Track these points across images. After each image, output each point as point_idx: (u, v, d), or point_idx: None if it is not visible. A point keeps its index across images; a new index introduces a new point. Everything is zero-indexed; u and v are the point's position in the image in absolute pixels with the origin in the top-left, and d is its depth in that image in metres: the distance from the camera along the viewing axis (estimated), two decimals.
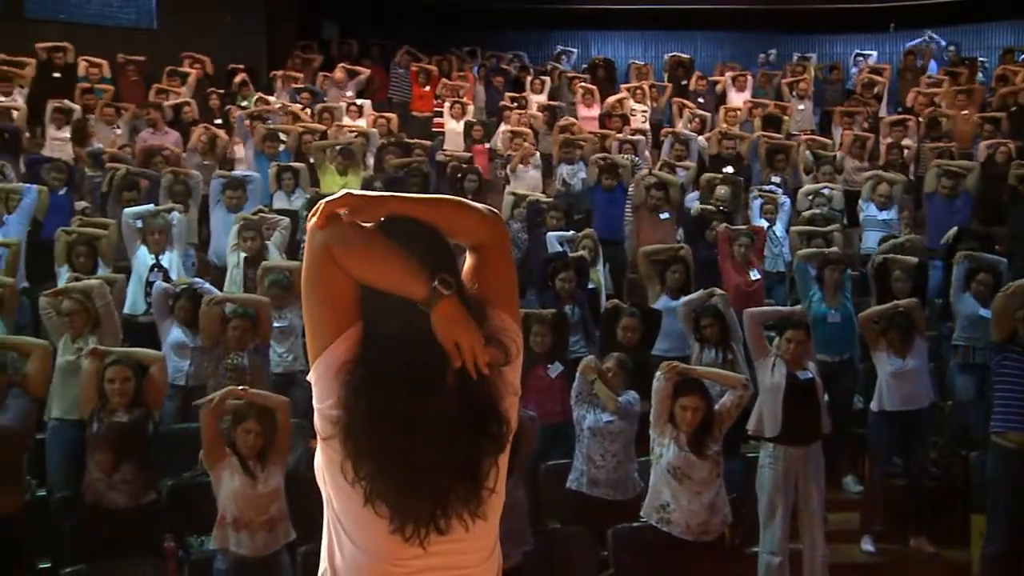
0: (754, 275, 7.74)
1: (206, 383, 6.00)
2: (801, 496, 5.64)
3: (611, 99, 12.56)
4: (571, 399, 5.68)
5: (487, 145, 11.41)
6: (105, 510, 4.97)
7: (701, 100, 12.91)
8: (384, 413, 1.61)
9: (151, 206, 7.74)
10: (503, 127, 11.79)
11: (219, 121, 11.25)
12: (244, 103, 11.92)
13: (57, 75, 11.89)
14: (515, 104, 12.45)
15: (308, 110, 11.76)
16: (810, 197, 9.32)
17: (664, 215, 8.87)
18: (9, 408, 4.82)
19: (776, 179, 9.99)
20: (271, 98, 12.21)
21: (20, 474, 5.01)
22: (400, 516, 1.64)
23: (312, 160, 9.79)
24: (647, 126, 12.12)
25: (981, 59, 15.12)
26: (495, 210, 1.81)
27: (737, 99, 13.04)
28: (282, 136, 10.16)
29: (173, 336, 6.36)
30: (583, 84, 13.15)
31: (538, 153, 10.56)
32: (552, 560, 5.09)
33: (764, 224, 8.62)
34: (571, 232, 8.20)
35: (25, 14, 13.30)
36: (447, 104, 12.33)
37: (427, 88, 13.23)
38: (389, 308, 1.65)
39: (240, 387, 4.98)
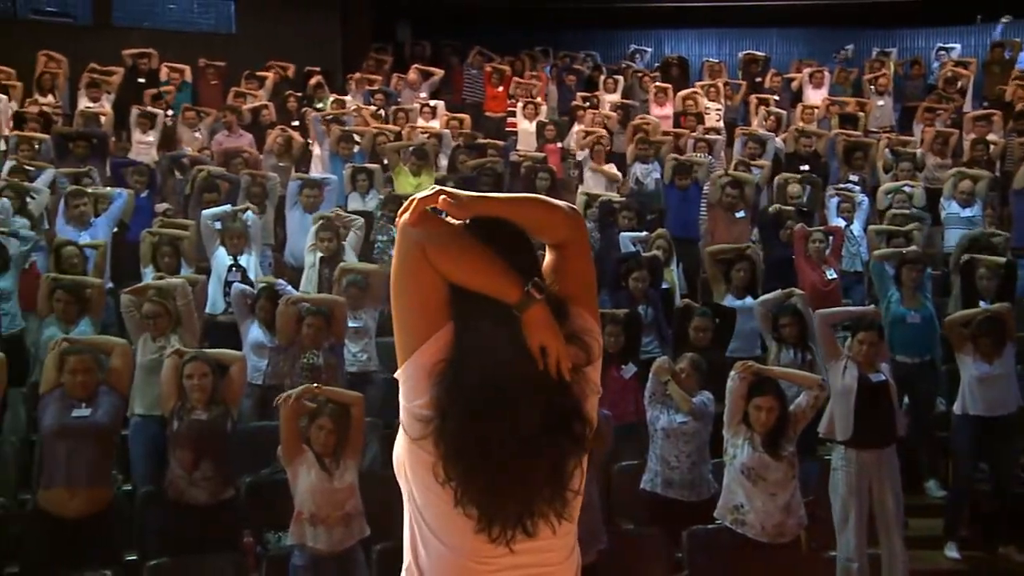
0: (830, 274, 7.61)
1: (283, 382, 6.10)
2: (876, 500, 5.53)
3: (682, 93, 12.46)
4: (644, 400, 5.65)
5: (559, 144, 11.40)
6: (186, 506, 5.07)
7: (776, 98, 12.73)
8: (476, 415, 1.61)
9: (227, 207, 7.90)
10: (576, 127, 11.78)
11: (295, 123, 11.42)
12: (320, 105, 12.09)
13: (141, 80, 12.20)
14: (587, 104, 12.42)
15: (382, 111, 11.88)
16: (890, 195, 9.13)
17: (739, 214, 8.78)
18: (100, 405, 4.96)
19: (854, 177, 9.80)
20: (346, 99, 12.37)
21: (109, 471, 5.15)
22: (488, 517, 1.64)
23: (386, 161, 9.88)
24: (721, 124, 12.00)
25: None
26: (575, 207, 1.80)
27: (814, 96, 12.82)
28: (356, 138, 10.28)
29: (253, 336, 6.47)
30: (656, 83, 13.06)
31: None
32: (626, 561, 5.07)
33: (842, 223, 8.48)
34: (644, 232, 8.16)
35: (112, 22, 13.72)
36: (520, 104, 12.35)
37: (500, 88, 13.27)
38: (479, 309, 1.65)
39: (314, 384, 5.06)
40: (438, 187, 1.69)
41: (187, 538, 5.03)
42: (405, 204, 1.68)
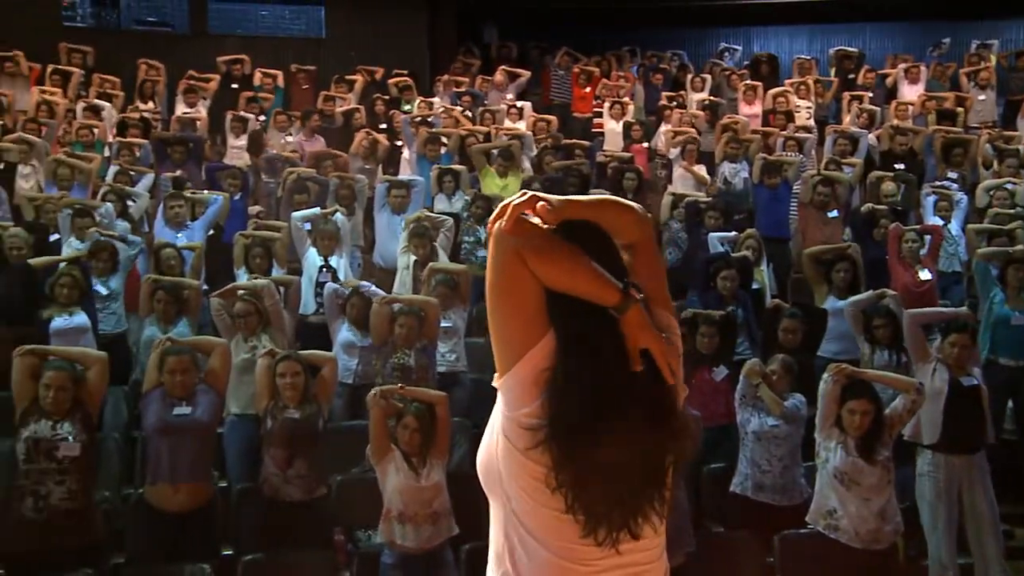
0: (924, 275, 7.41)
1: (374, 381, 6.18)
2: (967, 507, 5.38)
3: (772, 91, 12.26)
4: (735, 402, 5.58)
5: (646, 144, 11.33)
6: (280, 503, 5.15)
7: (870, 95, 12.44)
8: (586, 421, 1.61)
9: (317, 210, 8.03)
10: (663, 126, 11.69)
11: (383, 126, 11.56)
12: (407, 108, 12.21)
13: (235, 86, 12.50)
14: (674, 103, 12.32)
15: (469, 113, 11.95)
16: (991, 193, 8.84)
17: (832, 213, 8.61)
18: (199, 404, 5.09)
19: (952, 175, 9.53)
20: (434, 101, 12.48)
21: (210, 467, 5.29)
22: (596, 520, 1.64)
23: (473, 162, 9.94)
24: (812, 123, 11.78)
25: None
26: (643, 208, 1.81)
27: (910, 92, 12.50)
28: (443, 139, 10.36)
29: (343, 335, 6.56)
30: (745, 81, 12.89)
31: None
32: (715, 564, 5.01)
33: (939, 222, 8.25)
34: (733, 232, 8.06)
35: (208, 30, 14.11)
36: (607, 104, 12.30)
37: (588, 89, 13.24)
38: (577, 314, 1.64)
39: (399, 385, 5.11)
40: (531, 192, 1.67)
41: (281, 534, 5.11)
42: (497, 211, 1.67)
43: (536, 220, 1.65)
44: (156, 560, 4.92)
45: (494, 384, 1.70)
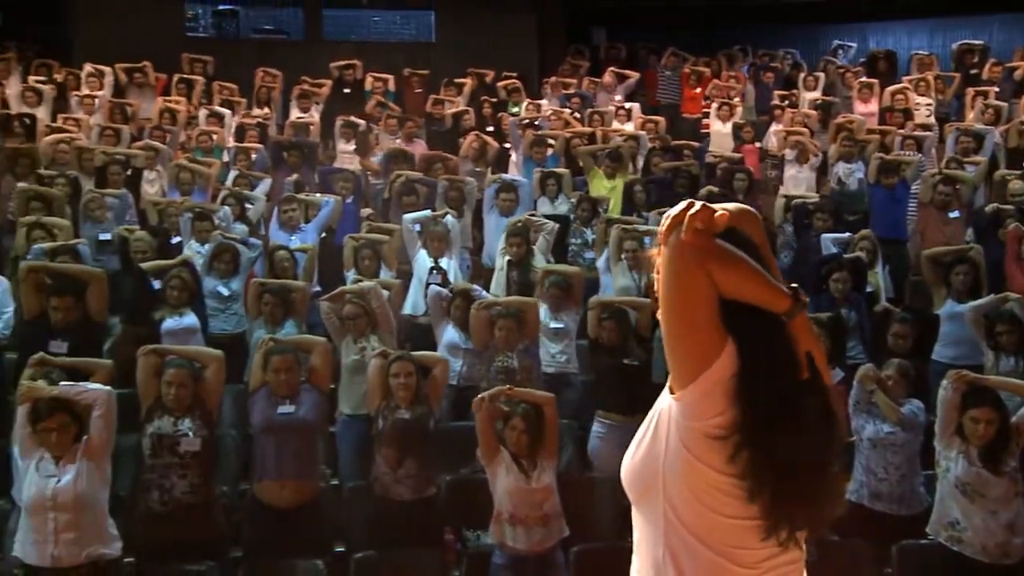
0: None
1: (479, 384, 6.22)
2: None
3: (890, 88, 11.91)
4: (849, 407, 5.43)
5: (758, 145, 11.13)
6: (391, 502, 5.23)
7: (996, 90, 11.96)
8: (777, 426, 1.62)
9: (428, 212, 8.13)
10: (775, 126, 11.47)
11: (491, 128, 11.63)
12: (515, 110, 12.27)
13: (347, 91, 12.75)
14: (786, 103, 12.08)
15: (577, 115, 11.94)
16: None
17: (953, 213, 8.31)
18: (303, 403, 5.20)
19: None
20: (542, 103, 12.50)
21: (316, 464, 5.40)
22: (778, 523, 1.65)
23: (581, 164, 9.92)
24: (932, 120, 11.39)
25: None
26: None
27: None
28: (549, 141, 10.37)
29: (448, 337, 6.60)
30: (860, 79, 12.54)
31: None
32: (832, 573, 4.88)
33: None
34: (847, 233, 7.87)
35: (323, 37, 14.45)
36: (714, 105, 12.15)
37: (698, 90, 13.09)
38: (751, 321, 1.64)
39: (506, 387, 5.13)
40: (702, 203, 1.66)
41: (391, 533, 5.19)
42: (666, 223, 1.66)
43: (707, 229, 1.65)
44: (269, 554, 5.05)
45: (672, 397, 1.69)
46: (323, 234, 8.36)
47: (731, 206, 1.72)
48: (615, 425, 5.79)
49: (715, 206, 1.67)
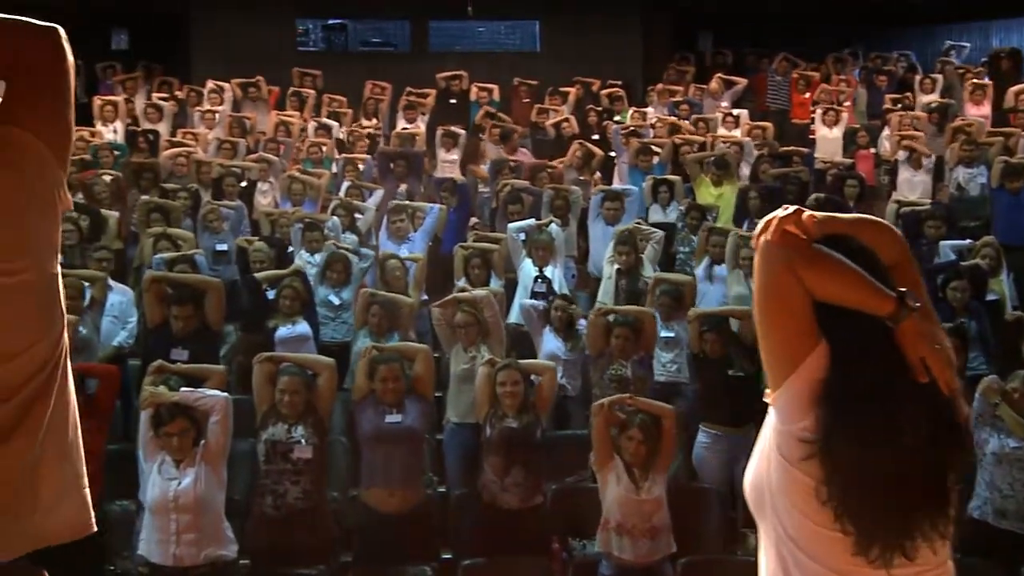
0: None
1: (580, 392, 6.21)
2: None
3: (1014, 88, 11.45)
4: (971, 421, 5.23)
5: (872, 150, 10.85)
6: (498, 510, 5.25)
7: None
8: (863, 432, 1.59)
9: (533, 221, 8.15)
10: (887, 131, 11.17)
11: (596, 137, 11.61)
12: (619, 118, 12.22)
13: (452, 101, 12.90)
14: (898, 106, 11.74)
15: (684, 122, 11.82)
16: None
17: None
18: (409, 411, 5.26)
19: None
20: (647, 111, 12.43)
21: (422, 472, 5.45)
22: (868, 537, 1.60)
23: (687, 172, 9.83)
24: None
25: None
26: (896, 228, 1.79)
27: None
28: (655, 149, 10.30)
29: (548, 346, 6.59)
30: (973, 80, 12.10)
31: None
32: None
33: None
34: (968, 240, 7.60)
35: (429, 48, 14.66)
36: (819, 111, 11.89)
37: (807, 95, 12.82)
38: (849, 324, 1.62)
39: (628, 396, 5.10)
40: (796, 206, 1.68)
41: (498, 540, 5.21)
42: (760, 225, 1.68)
43: (800, 233, 1.65)
44: (377, 560, 5.12)
45: (766, 400, 1.69)
46: (430, 243, 8.46)
47: (848, 216, 1.73)
48: (720, 436, 5.74)
49: (825, 215, 1.68)
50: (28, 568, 1.77)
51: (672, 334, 6.58)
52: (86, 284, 6.46)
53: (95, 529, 1.80)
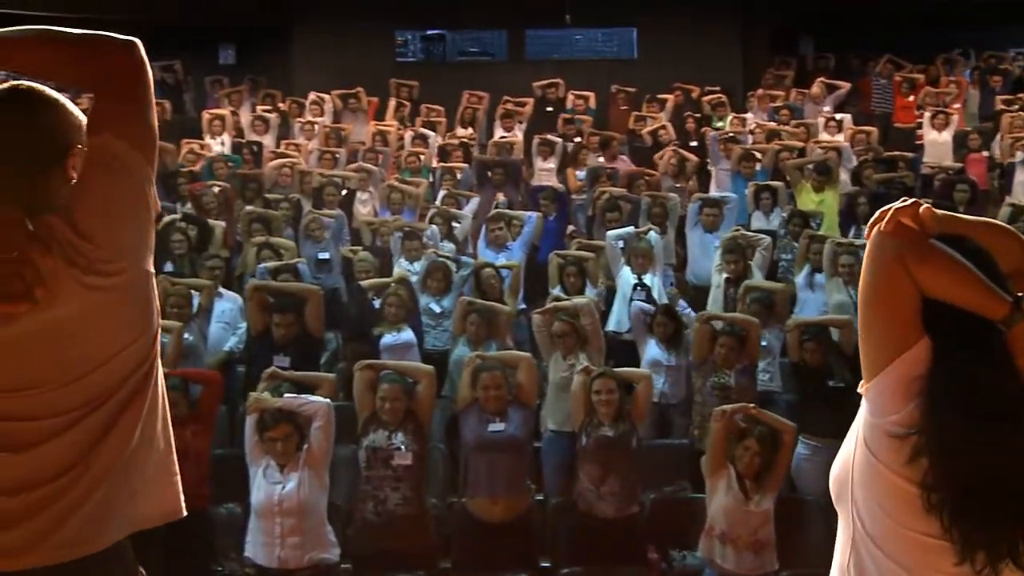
0: None
1: (683, 400, 6.14)
2: None
3: None
4: None
5: (985, 153, 10.49)
6: (594, 518, 5.23)
7: None
8: (963, 435, 1.54)
9: (631, 228, 8.12)
10: (1000, 133, 10.80)
11: (694, 143, 11.50)
12: (719, 124, 12.08)
13: (549, 109, 12.92)
14: (1015, 107, 11.33)
15: (786, 128, 11.63)
16: None
17: None
18: (513, 420, 5.28)
19: None
20: (747, 117, 12.26)
21: (525, 479, 5.46)
22: (972, 546, 1.55)
23: (788, 178, 9.67)
24: None
25: None
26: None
27: None
28: (757, 155, 10.16)
29: (651, 353, 6.57)
30: None
31: None
32: None
33: None
34: None
35: (526, 57, 14.73)
36: (927, 114, 11.55)
37: (911, 98, 12.47)
38: (957, 323, 1.58)
39: (751, 405, 5.05)
40: (914, 199, 1.65)
41: (594, 549, 5.19)
42: (876, 215, 1.65)
43: (916, 226, 1.62)
44: (477, 568, 5.15)
45: (859, 391, 1.66)
46: (527, 251, 8.49)
47: (970, 217, 1.69)
48: (820, 447, 5.62)
49: (945, 212, 1.64)
50: (129, 569, 1.86)
51: (764, 343, 6.48)
52: (194, 292, 6.66)
53: (184, 514, 1.90)
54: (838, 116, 11.82)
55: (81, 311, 1.71)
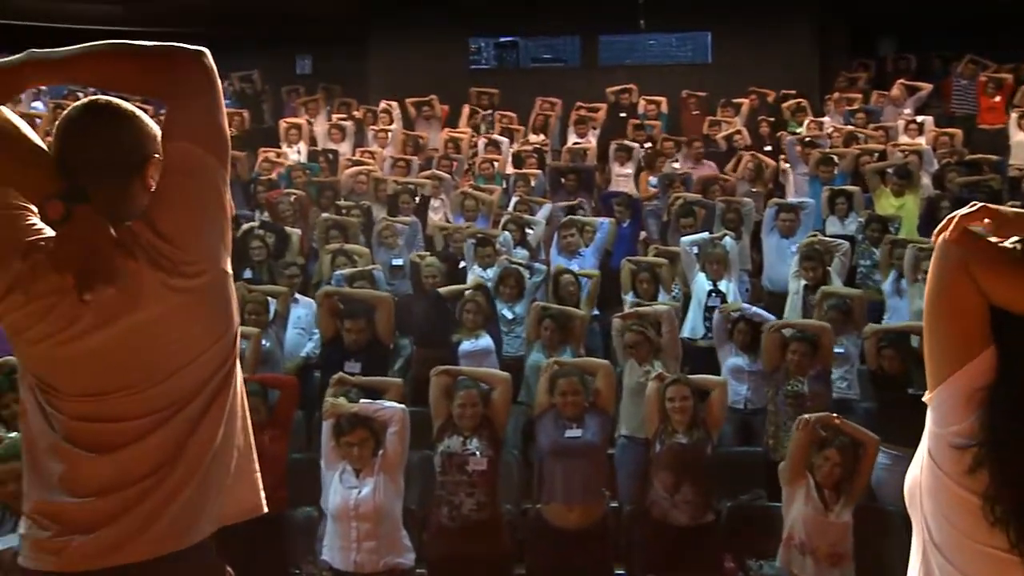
0: None
1: (766, 407, 6.07)
2: None
3: None
4: None
5: None
6: (668, 526, 5.19)
7: None
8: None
9: (706, 234, 8.04)
10: None
11: (769, 148, 11.36)
12: (798, 129, 11.92)
13: (622, 114, 12.88)
14: None
15: (862, 131, 11.42)
16: None
17: None
18: (589, 426, 5.26)
19: None
20: (824, 120, 12.07)
21: (602, 486, 5.43)
22: None
23: (867, 182, 9.49)
24: None
25: None
26: None
27: None
28: (835, 159, 10.00)
29: (731, 360, 6.51)
30: None
31: None
32: None
33: None
34: None
35: (599, 63, 14.71)
36: (1014, 115, 11.23)
37: (996, 99, 12.14)
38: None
39: (835, 415, 4.97)
40: (980, 204, 1.61)
41: (669, 557, 5.15)
42: (942, 222, 1.61)
43: (985, 233, 1.58)
44: (551, 574, 5.14)
45: (924, 399, 1.63)
46: (601, 257, 8.46)
47: None
48: (901, 456, 5.48)
49: (1001, 209, 1.59)
50: (215, 564, 1.91)
51: (841, 350, 6.39)
52: (270, 299, 6.77)
53: (265, 510, 1.96)
54: (919, 119, 11.57)
55: (166, 313, 1.78)
